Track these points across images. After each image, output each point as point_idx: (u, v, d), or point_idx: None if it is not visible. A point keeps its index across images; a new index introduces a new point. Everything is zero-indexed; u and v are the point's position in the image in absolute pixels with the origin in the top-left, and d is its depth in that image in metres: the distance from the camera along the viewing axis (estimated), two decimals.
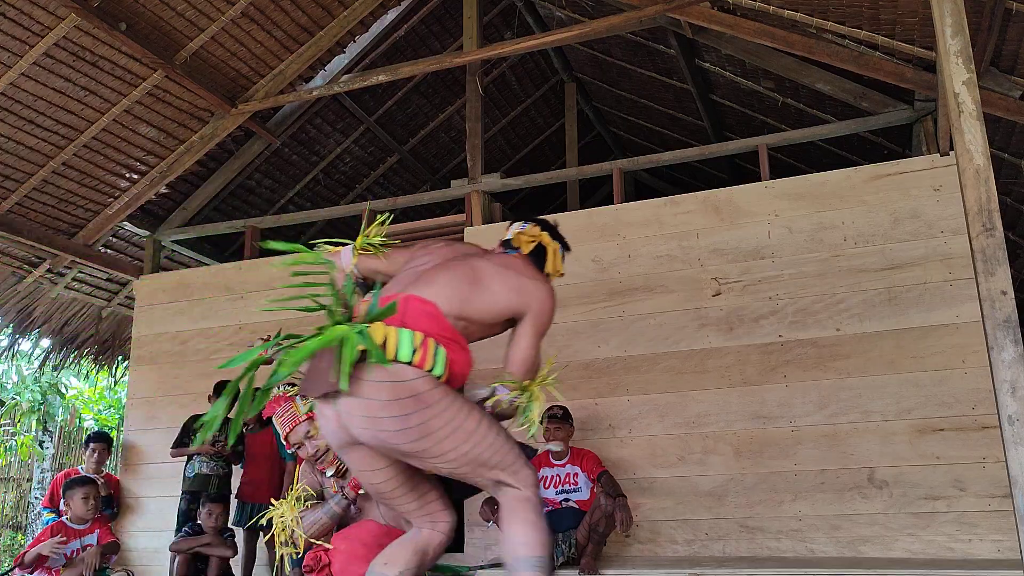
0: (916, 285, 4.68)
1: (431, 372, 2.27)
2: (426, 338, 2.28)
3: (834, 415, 4.69)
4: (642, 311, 5.17)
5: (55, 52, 5.19)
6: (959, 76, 2.96)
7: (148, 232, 6.87)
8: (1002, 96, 4.48)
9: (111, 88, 5.62)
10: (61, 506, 4.99)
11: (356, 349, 2.17)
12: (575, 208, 7.81)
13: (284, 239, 8.39)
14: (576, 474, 4.55)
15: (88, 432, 7.71)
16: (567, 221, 4.52)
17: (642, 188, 9.28)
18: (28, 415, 11.88)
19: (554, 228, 2.84)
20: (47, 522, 5.16)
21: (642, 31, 6.39)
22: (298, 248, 2.69)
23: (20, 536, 11.07)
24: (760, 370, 4.87)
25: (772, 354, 4.87)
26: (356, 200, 7.96)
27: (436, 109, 7.92)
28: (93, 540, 4.64)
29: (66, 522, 4.65)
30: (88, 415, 14.06)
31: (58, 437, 12.04)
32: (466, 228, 5.78)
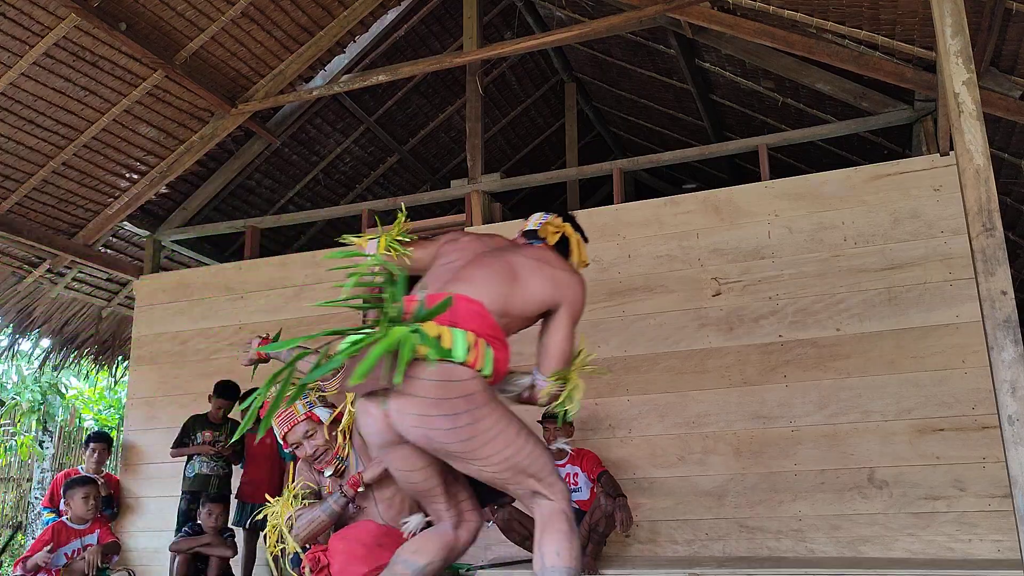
0: (916, 285, 4.68)
1: (481, 372, 2.28)
2: (478, 338, 2.29)
3: (834, 415, 4.69)
4: (642, 311, 5.16)
5: (55, 52, 5.19)
6: (959, 76, 2.96)
7: (148, 232, 6.87)
8: (1002, 96, 4.48)
9: (111, 88, 5.62)
10: (61, 506, 4.99)
11: (415, 349, 2.17)
12: (575, 208, 7.80)
13: (284, 239, 8.42)
14: (576, 474, 4.55)
15: (88, 432, 7.71)
16: None
17: (642, 188, 9.28)
18: (28, 415, 11.87)
19: (574, 219, 2.89)
20: (47, 522, 5.16)
21: (642, 31, 6.39)
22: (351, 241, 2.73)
23: (20, 536, 11.07)
24: (760, 370, 4.87)
25: (772, 354, 4.86)
26: (356, 200, 7.96)
27: (436, 109, 7.92)
28: (93, 540, 4.64)
29: (66, 522, 4.66)
30: (88, 415, 14.04)
31: (58, 437, 12.03)
32: (466, 228, 5.77)
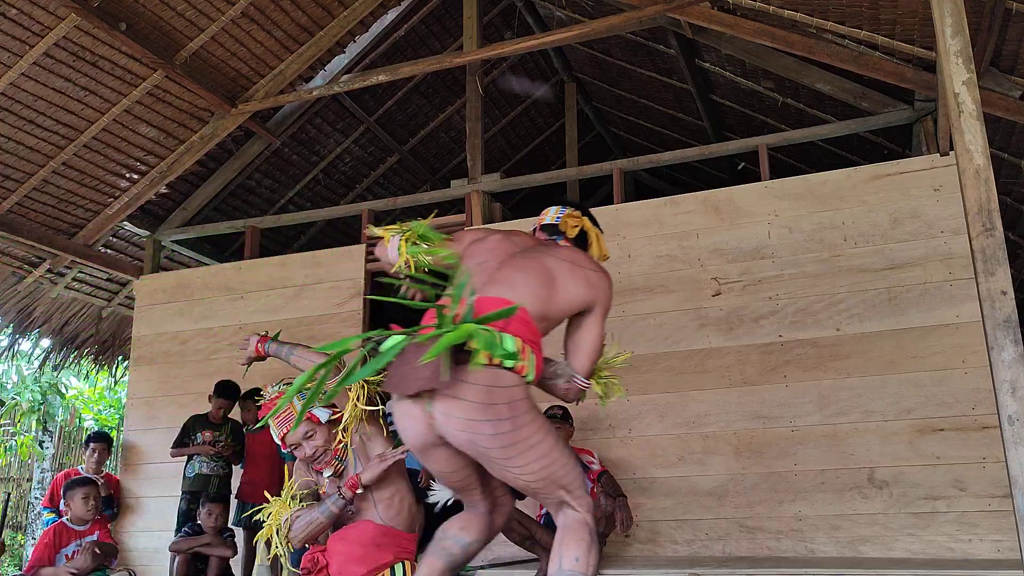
0: (916, 285, 4.67)
1: (525, 379, 2.30)
2: (525, 344, 2.30)
3: (834, 415, 4.69)
4: (642, 311, 5.16)
5: (55, 52, 5.19)
6: (959, 76, 2.96)
7: (148, 232, 6.87)
8: (1002, 96, 4.47)
9: (111, 88, 5.62)
10: (61, 506, 4.99)
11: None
12: None
13: (284, 239, 8.42)
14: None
15: (88, 432, 7.71)
16: None
17: (642, 188, 9.28)
18: (28, 415, 11.88)
19: (590, 212, 2.92)
20: (47, 522, 5.16)
21: (642, 31, 6.39)
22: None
23: (20, 536, 11.07)
24: (760, 370, 4.87)
25: (772, 354, 4.86)
26: (356, 200, 7.95)
27: (436, 109, 7.91)
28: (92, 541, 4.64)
29: (66, 523, 4.65)
30: (88, 415, 14.05)
31: (58, 437, 12.04)
32: (466, 228, 5.77)
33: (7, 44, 5.01)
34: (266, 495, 3.13)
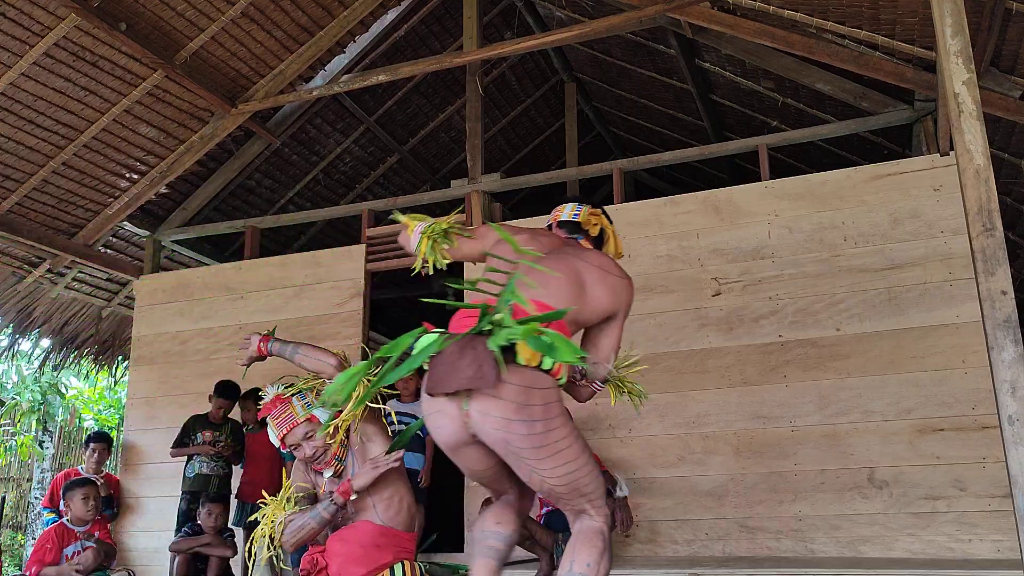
0: (916, 285, 4.67)
1: (559, 382, 2.32)
2: None
3: (834, 415, 4.69)
4: (642, 311, 5.15)
5: (55, 52, 5.19)
6: (959, 76, 2.96)
7: (148, 232, 6.87)
8: (1002, 96, 4.47)
9: (111, 88, 5.62)
10: (61, 506, 4.99)
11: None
12: None
13: (284, 239, 8.42)
14: None
15: (88, 432, 7.71)
16: None
17: (642, 188, 9.27)
18: (28, 415, 11.88)
19: (605, 210, 2.93)
20: (47, 522, 5.16)
21: (642, 31, 6.39)
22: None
23: (20, 536, 11.07)
24: (760, 370, 4.87)
25: (772, 354, 4.86)
26: (356, 200, 7.95)
27: (436, 109, 7.91)
28: (93, 541, 4.64)
29: (66, 523, 4.65)
30: (88, 415, 14.05)
31: (58, 437, 12.04)
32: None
33: (7, 44, 5.01)
34: (264, 495, 3.12)
